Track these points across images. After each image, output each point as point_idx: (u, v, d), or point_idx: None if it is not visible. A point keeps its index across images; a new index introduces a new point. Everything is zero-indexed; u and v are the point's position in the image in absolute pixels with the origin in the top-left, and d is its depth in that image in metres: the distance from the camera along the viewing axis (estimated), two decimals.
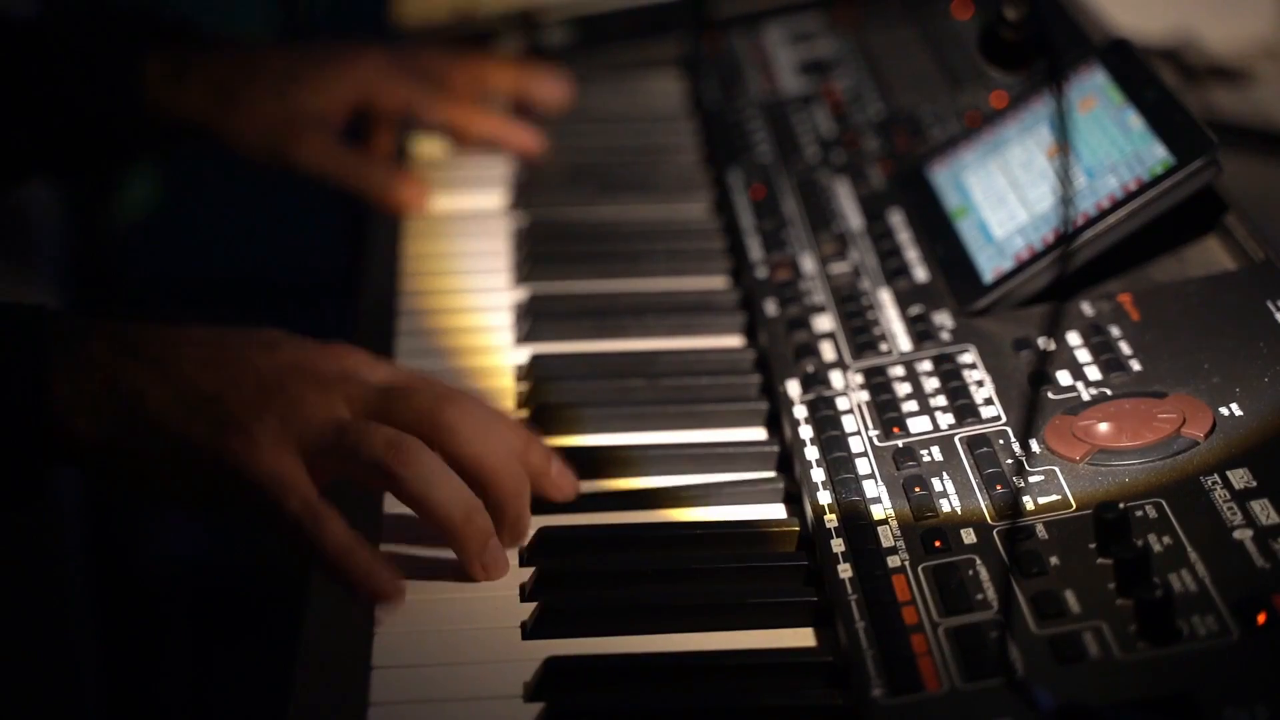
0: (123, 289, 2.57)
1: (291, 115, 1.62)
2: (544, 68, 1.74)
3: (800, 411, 1.24)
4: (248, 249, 2.76)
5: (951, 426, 1.18)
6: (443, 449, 1.13)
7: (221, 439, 1.11)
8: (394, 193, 1.61)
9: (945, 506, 1.11)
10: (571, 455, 1.25)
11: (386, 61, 1.66)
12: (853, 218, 1.45)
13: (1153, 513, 1.05)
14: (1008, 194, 1.36)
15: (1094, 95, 1.36)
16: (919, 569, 1.06)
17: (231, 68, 1.64)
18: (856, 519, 1.12)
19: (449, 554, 1.13)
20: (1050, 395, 1.18)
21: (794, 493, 1.20)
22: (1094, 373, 1.19)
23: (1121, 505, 1.04)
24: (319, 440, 1.12)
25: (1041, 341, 1.22)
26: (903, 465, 1.16)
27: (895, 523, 1.11)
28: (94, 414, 1.12)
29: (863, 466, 1.16)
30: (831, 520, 1.12)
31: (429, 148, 1.69)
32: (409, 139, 1.69)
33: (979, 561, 1.06)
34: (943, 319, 1.29)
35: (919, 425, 1.19)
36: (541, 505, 1.19)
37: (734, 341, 1.39)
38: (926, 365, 1.25)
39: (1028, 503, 1.09)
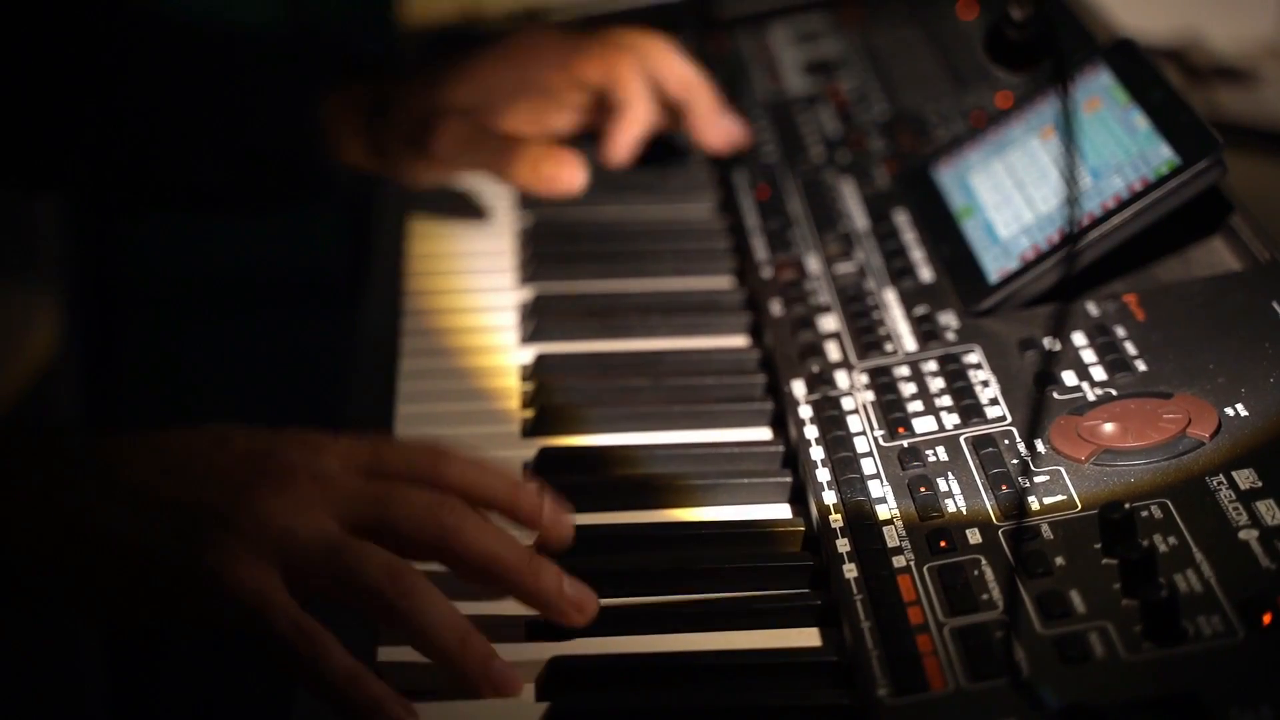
0: (123, 289, 2.57)
1: (434, 109, 1.51)
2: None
3: (805, 411, 1.24)
4: (251, 249, 2.76)
5: (957, 426, 1.18)
6: (447, 554, 1.05)
7: (190, 552, 1.00)
8: (538, 175, 1.49)
9: (950, 506, 1.11)
10: (574, 455, 1.26)
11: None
12: (858, 218, 1.45)
13: (1158, 513, 1.05)
14: (1013, 194, 1.36)
15: (1099, 95, 1.36)
16: (924, 569, 1.06)
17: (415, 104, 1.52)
18: (862, 519, 1.12)
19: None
20: (1055, 395, 1.18)
21: (799, 493, 1.20)
22: (1099, 373, 1.19)
23: (1127, 505, 1.04)
24: (304, 556, 1.01)
25: (1047, 342, 1.22)
26: (908, 465, 1.16)
27: (900, 523, 1.11)
28: (35, 545, 1.02)
29: (868, 466, 1.16)
30: (837, 520, 1.12)
31: None
32: None
33: (984, 561, 1.06)
34: (948, 319, 1.29)
35: (924, 425, 1.19)
36: None
37: (739, 341, 1.39)
38: (932, 365, 1.25)
39: (1033, 503, 1.09)
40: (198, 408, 2.70)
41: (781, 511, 1.20)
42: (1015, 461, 1.13)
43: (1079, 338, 1.22)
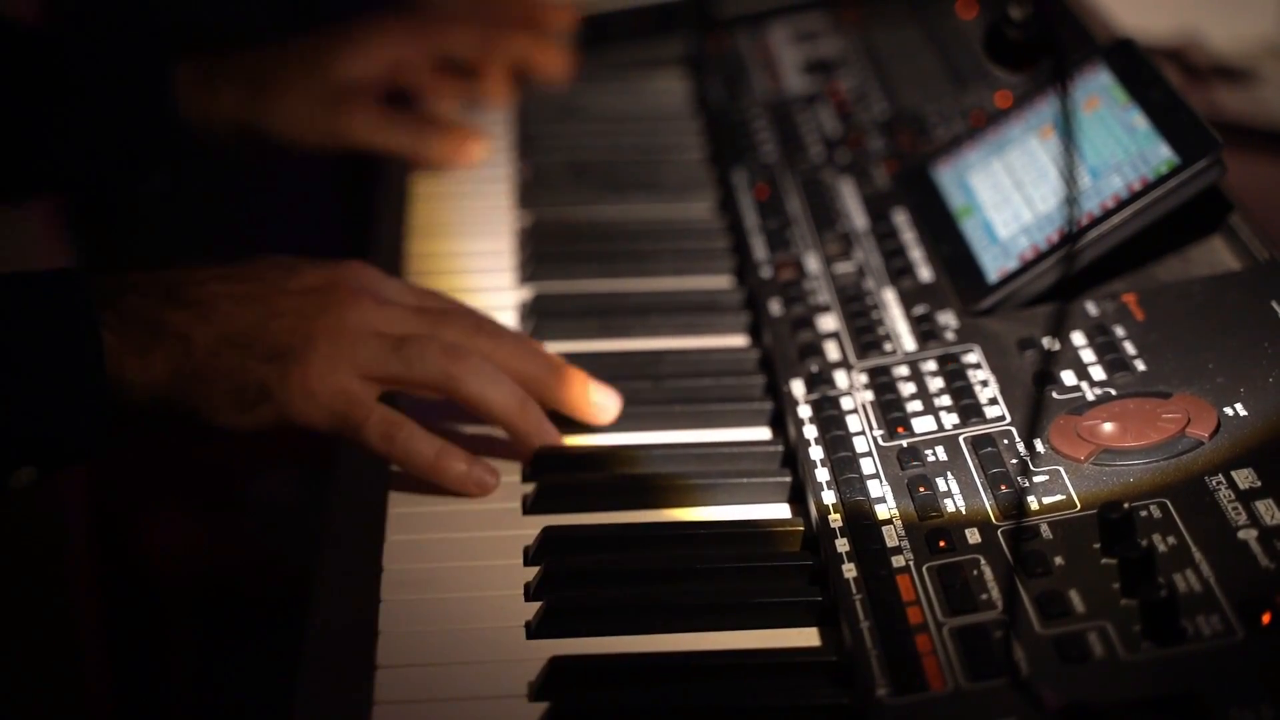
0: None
1: (329, 90, 1.63)
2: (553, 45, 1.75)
3: (805, 411, 1.24)
4: (250, 246, 2.76)
5: (956, 426, 1.18)
6: (450, 394, 1.22)
7: (280, 370, 1.17)
8: (448, 152, 1.64)
9: (950, 506, 1.11)
10: (573, 455, 1.26)
11: (411, 22, 1.69)
12: (857, 217, 1.45)
13: (1157, 513, 1.05)
14: (1012, 194, 1.36)
15: (1098, 95, 1.36)
16: (923, 569, 1.06)
17: (260, 61, 1.65)
18: (861, 519, 1.12)
19: (454, 564, 1.14)
20: (1055, 395, 1.18)
21: (798, 492, 1.20)
22: (1098, 373, 1.19)
23: (1126, 505, 1.04)
24: (374, 356, 1.19)
25: (1046, 341, 1.22)
26: (907, 465, 1.16)
27: (900, 523, 1.11)
28: (144, 362, 1.16)
29: (867, 466, 1.16)
30: (836, 520, 1.12)
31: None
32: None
33: (983, 561, 1.06)
34: (947, 319, 1.29)
35: (923, 425, 1.19)
36: (547, 504, 1.20)
37: (738, 341, 1.39)
38: (931, 365, 1.25)
39: (1032, 503, 1.09)
40: None
41: (781, 511, 1.20)
42: (1014, 461, 1.13)
43: (1078, 337, 1.22)
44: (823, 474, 1.17)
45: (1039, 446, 1.14)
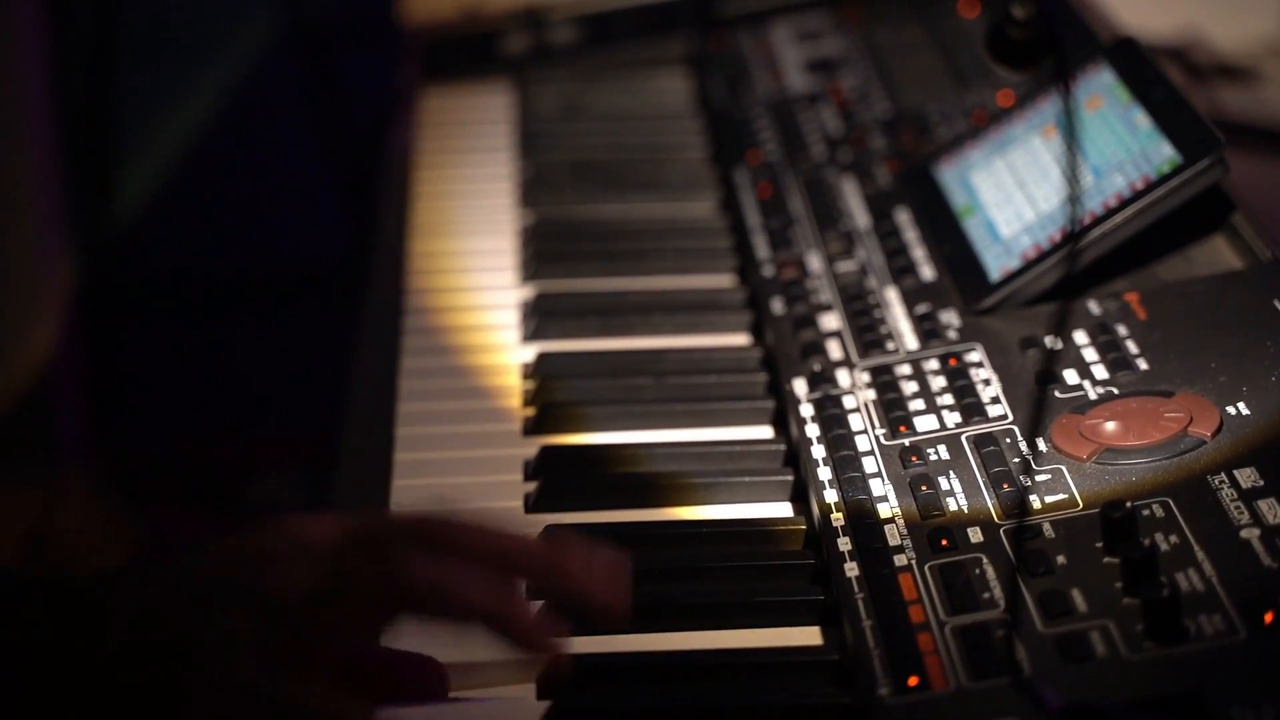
0: (123, 289, 2.58)
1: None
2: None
3: (807, 410, 1.24)
4: (253, 248, 2.76)
5: (958, 425, 1.18)
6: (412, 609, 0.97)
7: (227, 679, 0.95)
8: None
9: (952, 505, 1.11)
10: (575, 453, 1.25)
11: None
12: (859, 216, 1.45)
13: (1160, 512, 1.05)
14: (1014, 193, 1.36)
15: (1101, 94, 1.36)
16: (925, 567, 1.06)
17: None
18: (863, 517, 1.12)
19: None
20: (1057, 394, 1.18)
21: (800, 491, 1.19)
22: (1101, 372, 1.19)
23: (1128, 504, 1.04)
24: (298, 615, 0.96)
25: (1048, 340, 1.22)
26: (909, 464, 1.15)
27: (902, 521, 1.11)
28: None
29: (869, 465, 1.16)
30: (838, 518, 1.12)
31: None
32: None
33: (986, 560, 1.06)
34: (949, 318, 1.29)
35: (925, 424, 1.19)
36: (549, 503, 1.20)
37: (740, 340, 1.39)
38: (933, 364, 1.25)
39: (1034, 501, 1.09)
40: (198, 408, 2.70)
41: (783, 510, 1.20)
42: (1017, 460, 1.13)
43: (1080, 336, 1.22)
44: (825, 473, 1.17)
45: (1041, 445, 1.14)
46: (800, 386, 1.26)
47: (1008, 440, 1.15)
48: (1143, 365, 1.19)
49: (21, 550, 1.57)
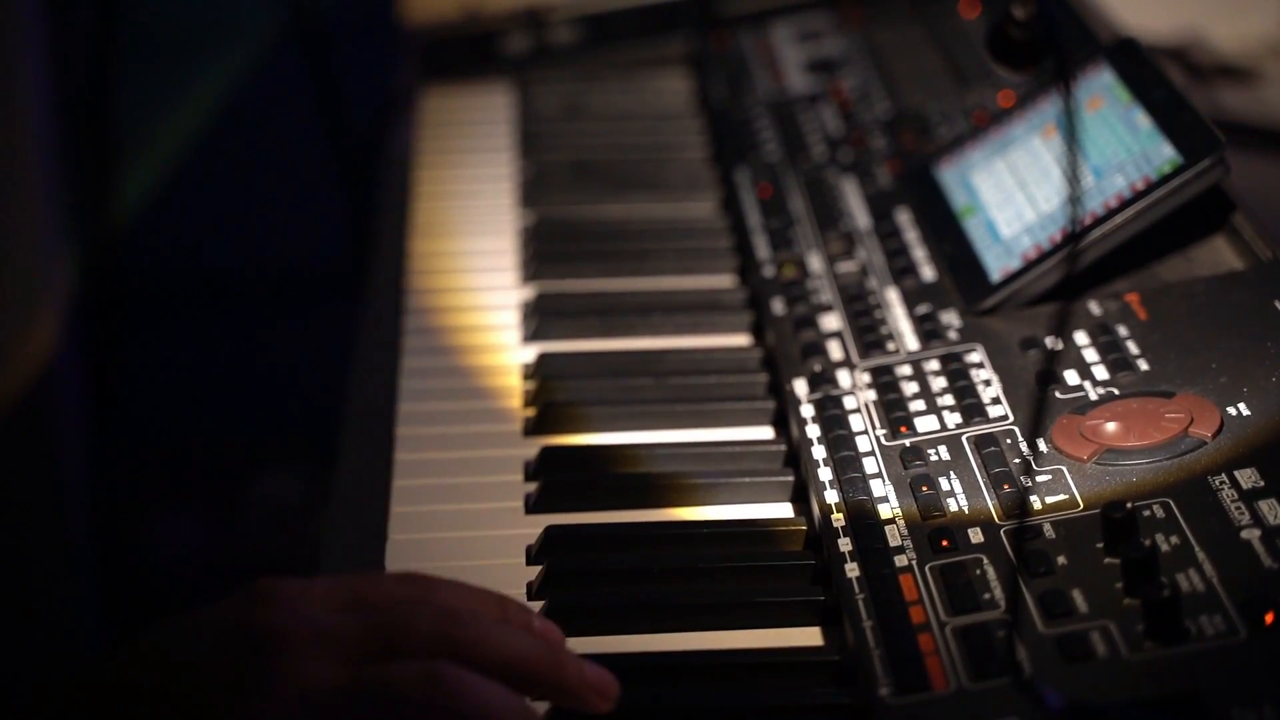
0: (123, 289, 2.57)
1: None
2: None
3: (807, 410, 1.23)
4: (252, 249, 2.76)
5: (959, 426, 1.18)
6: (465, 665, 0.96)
7: None
8: None
9: (952, 506, 1.11)
10: (576, 454, 1.25)
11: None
12: (860, 216, 1.45)
13: (1160, 512, 1.05)
14: (1015, 193, 1.36)
15: (1101, 94, 1.36)
16: (926, 568, 1.06)
17: None
18: (864, 518, 1.11)
19: (456, 564, 1.14)
20: (1058, 395, 1.18)
21: (801, 492, 1.19)
22: (1101, 372, 1.19)
23: (1129, 505, 1.04)
24: (332, 713, 0.93)
25: (1049, 341, 1.22)
26: (910, 464, 1.15)
27: (902, 522, 1.11)
28: None
29: (870, 465, 1.16)
30: (839, 519, 1.12)
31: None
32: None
33: (986, 561, 1.06)
34: (950, 318, 1.29)
35: (926, 424, 1.19)
36: (550, 503, 1.20)
37: (741, 340, 1.39)
38: (934, 364, 1.25)
39: (1035, 502, 1.09)
40: (198, 408, 2.70)
41: (783, 510, 1.20)
42: (1017, 461, 1.13)
43: (1081, 337, 1.22)
44: (825, 473, 1.17)
45: (1042, 446, 1.13)
46: (801, 387, 1.26)
47: (1008, 441, 1.15)
48: (1143, 366, 1.19)
49: None
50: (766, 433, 1.28)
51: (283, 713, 0.91)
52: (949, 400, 1.21)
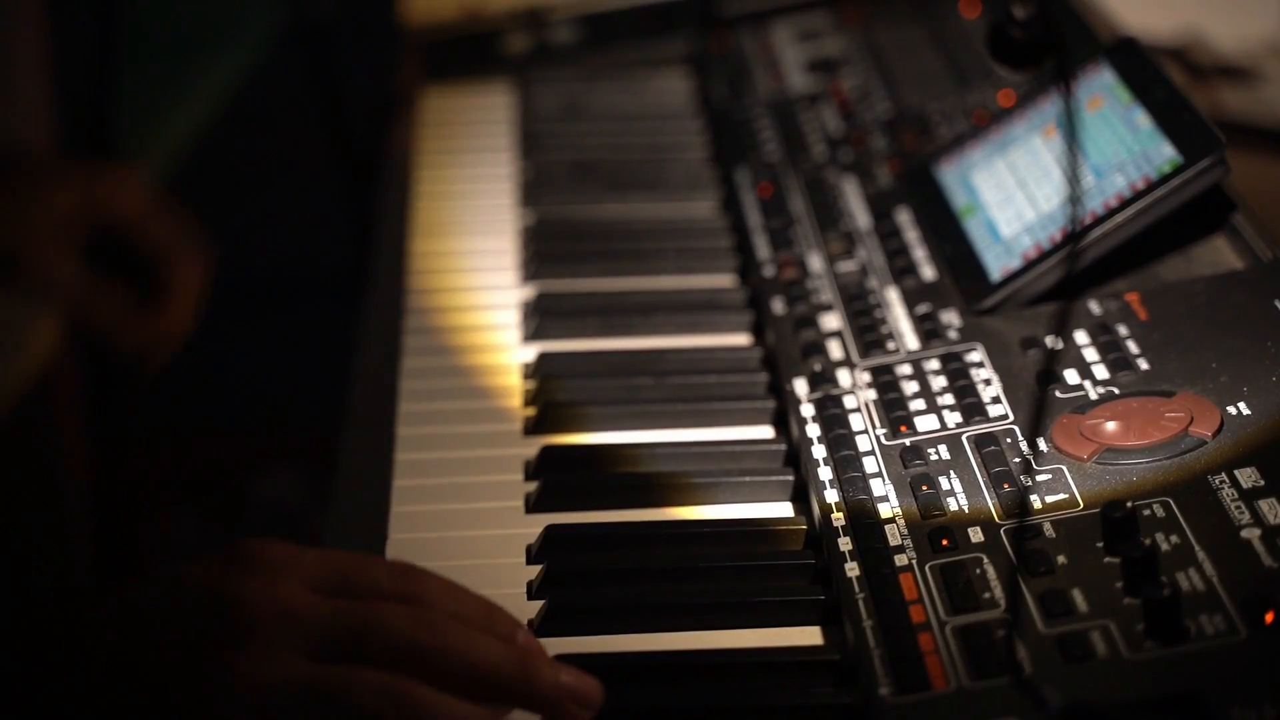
0: None
1: (29, 215, 1.39)
2: None
3: (807, 410, 1.23)
4: (253, 248, 2.76)
5: (959, 425, 1.18)
6: (431, 672, 0.95)
7: None
8: (131, 340, 1.50)
9: (953, 505, 1.11)
10: (576, 453, 1.25)
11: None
12: (860, 216, 1.45)
13: (1160, 512, 1.05)
14: (1015, 193, 1.36)
15: (1102, 94, 1.36)
16: (926, 567, 1.06)
17: None
18: (864, 517, 1.11)
19: (456, 563, 1.13)
20: (1058, 394, 1.18)
21: (801, 491, 1.19)
22: (1101, 372, 1.19)
23: (1129, 504, 1.04)
24: (285, 708, 0.92)
25: (1049, 340, 1.22)
26: (910, 464, 1.15)
27: (902, 521, 1.11)
28: None
29: (870, 465, 1.16)
30: (839, 518, 1.12)
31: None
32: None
33: (986, 560, 1.06)
34: (950, 318, 1.29)
35: (926, 424, 1.19)
36: (550, 502, 1.20)
37: (741, 340, 1.39)
38: (934, 364, 1.25)
39: (1035, 501, 1.09)
40: (198, 408, 2.70)
41: (783, 510, 1.20)
42: (1017, 460, 1.13)
43: (1081, 336, 1.22)
44: (825, 473, 1.17)
45: (1042, 445, 1.13)
46: (801, 386, 1.26)
47: (1008, 440, 1.15)
48: (1143, 365, 1.19)
49: (87, 231, 1.62)
50: (766, 432, 1.28)
51: (232, 702, 0.91)
52: (949, 400, 1.21)
